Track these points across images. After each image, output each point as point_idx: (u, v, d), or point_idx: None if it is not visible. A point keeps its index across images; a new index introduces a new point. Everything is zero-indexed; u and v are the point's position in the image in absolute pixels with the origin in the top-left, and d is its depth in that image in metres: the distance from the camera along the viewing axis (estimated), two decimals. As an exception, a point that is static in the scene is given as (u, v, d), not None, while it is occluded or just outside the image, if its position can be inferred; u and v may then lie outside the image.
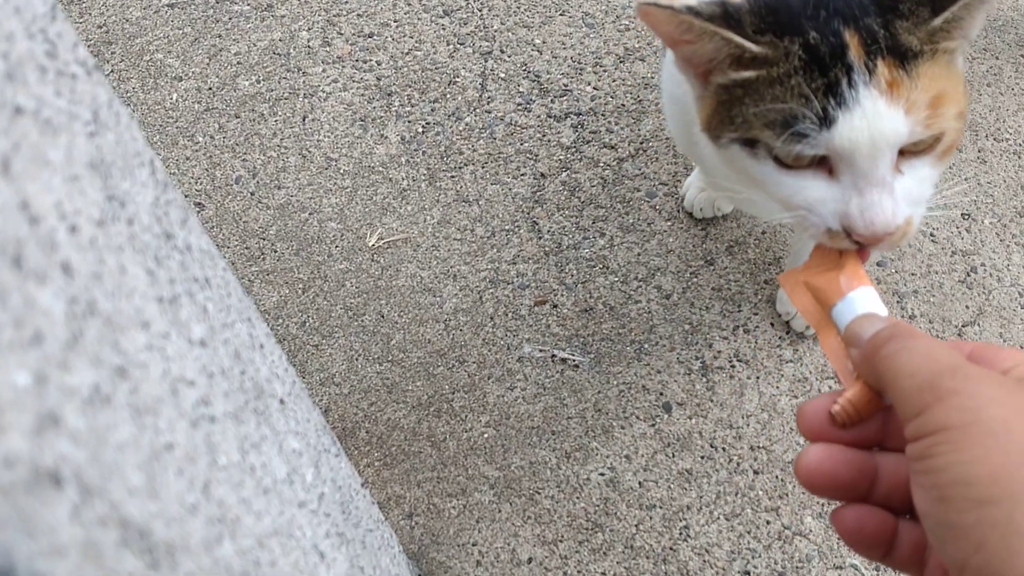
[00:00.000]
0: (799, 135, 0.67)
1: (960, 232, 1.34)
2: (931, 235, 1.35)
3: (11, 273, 0.26)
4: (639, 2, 0.69)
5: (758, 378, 1.24)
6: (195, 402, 0.40)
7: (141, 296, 0.38)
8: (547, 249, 1.41)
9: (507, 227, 1.44)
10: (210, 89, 1.65)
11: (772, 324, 1.29)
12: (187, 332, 0.43)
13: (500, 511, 1.19)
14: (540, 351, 1.32)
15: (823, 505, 1.14)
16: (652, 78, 1.57)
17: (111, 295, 0.34)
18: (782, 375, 1.24)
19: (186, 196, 1.51)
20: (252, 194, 1.51)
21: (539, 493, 1.20)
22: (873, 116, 0.66)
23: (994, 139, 1.44)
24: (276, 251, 1.45)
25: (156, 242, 0.44)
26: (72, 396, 0.26)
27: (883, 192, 0.68)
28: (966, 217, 1.36)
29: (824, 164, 0.70)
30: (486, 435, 1.25)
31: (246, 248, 1.45)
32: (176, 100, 1.64)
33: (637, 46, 1.61)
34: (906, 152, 0.69)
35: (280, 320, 1.38)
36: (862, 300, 0.59)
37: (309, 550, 0.53)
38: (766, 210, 0.96)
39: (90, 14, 1.77)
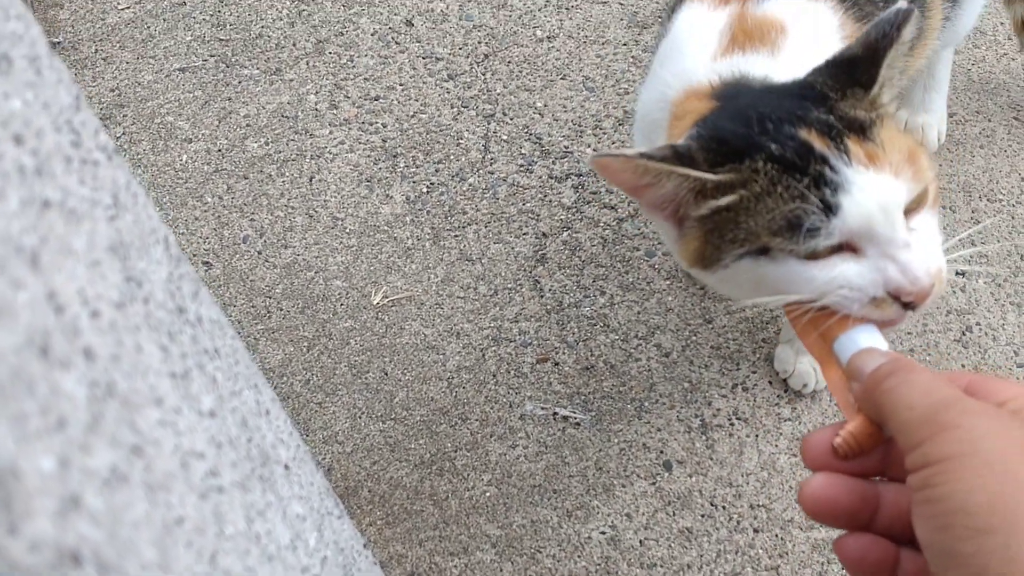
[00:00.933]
0: (811, 231, 0.70)
1: (955, 292, 1.36)
2: (927, 294, 1.36)
3: (39, 363, 0.28)
4: (592, 156, 0.73)
5: (757, 436, 1.26)
6: (204, 474, 0.42)
7: (155, 373, 0.40)
8: (549, 307, 1.43)
9: (510, 285, 1.47)
10: (219, 151, 1.69)
11: (770, 382, 1.30)
12: (197, 404, 0.45)
13: (502, 570, 1.19)
14: (542, 409, 1.33)
15: (823, 564, 1.15)
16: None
17: (128, 375, 0.36)
18: (780, 433, 1.25)
19: (194, 255, 1.54)
20: (259, 253, 1.54)
21: (540, 552, 1.20)
22: (873, 188, 0.69)
23: (987, 200, 1.47)
24: (282, 309, 1.47)
25: (170, 318, 0.47)
26: (92, 478, 0.28)
27: (910, 250, 0.70)
28: (961, 276, 1.38)
29: (845, 247, 0.72)
30: (488, 494, 1.26)
31: (252, 307, 1.48)
32: (186, 161, 1.68)
33: (635, 109, 1.65)
34: (906, 212, 0.71)
35: (285, 378, 1.40)
36: (863, 335, 0.61)
37: (311, 615, 0.54)
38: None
39: (103, 78, 1.82)
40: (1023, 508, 0.37)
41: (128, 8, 1.96)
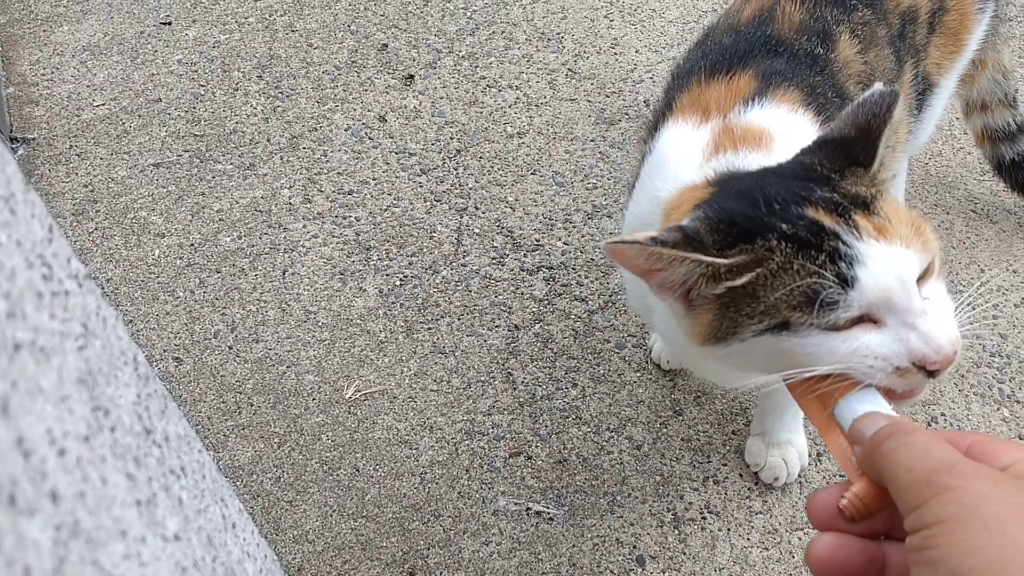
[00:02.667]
0: (829, 305, 0.71)
1: (920, 381, 1.38)
2: (892, 385, 1.39)
3: (5, 514, 0.28)
4: (606, 243, 0.74)
5: (729, 530, 1.25)
6: (168, 604, 0.42)
7: (120, 504, 0.40)
8: (521, 400, 1.44)
9: (482, 378, 1.47)
10: (192, 245, 1.70)
11: (741, 475, 1.31)
12: (162, 530, 0.45)
13: (475, 673, 1.17)
14: (515, 504, 1.33)
15: (800, 662, 1.14)
16: (619, 234, 1.64)
17: (93, 511, 0.36)
18: (752, 527, 1.25)
19: (164, 351, 1.54)
20: (230, 348, 1.54)
21: (514, 653, 1.18)
22: (887, 259, 0.70)
23: (948, 291, 1.51)
24: (252, 405, 1.46)
25: (136, 442, 0.47)
26: (55, 628, 0.29)
27: (929, 319, 0.71)
28: (925, 367, 1.40)
29: (865, 319, 0.73)
30: (460, 592, 1.24)
31: (223, 402, 1.47)
32: (158, 256, 1.69)
33: (604, 203, 1.69)
34: (917, 281, 0.73)
35: (255, 476, 1.38)
36: (863, 399, 0.61)
37: None
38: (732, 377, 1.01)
39: (76, 174, 1.84)
40: (1019, 574, 0.37)
41: (103, 105, 1.99)
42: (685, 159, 0.96)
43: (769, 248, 0.73)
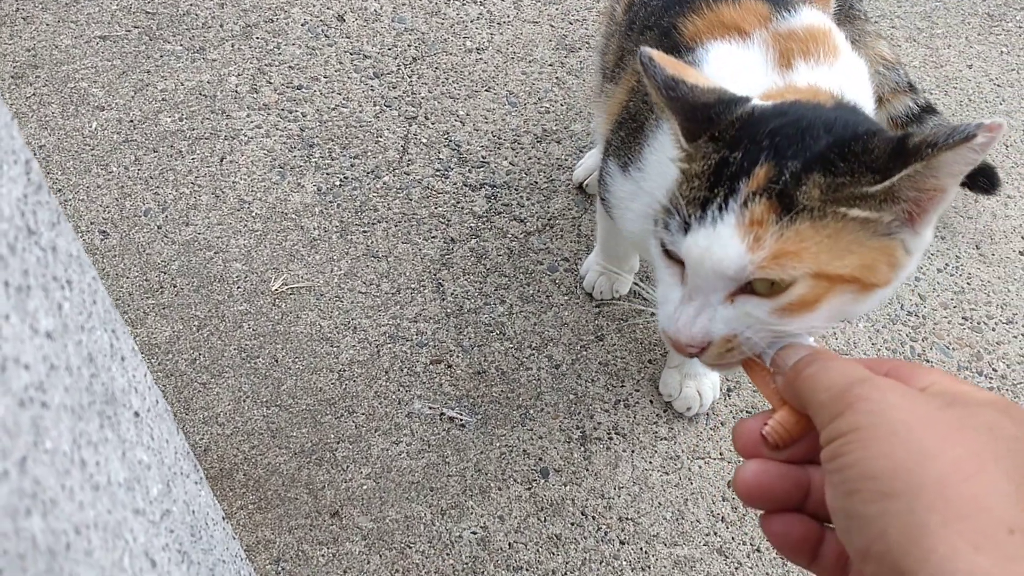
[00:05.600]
0: (667, 229, 0.70)
1: (835, 333, 1.42)
2: (809, 331, 1.42)
3: None
4: (643, 49, 0.73)
5: (633, 452, 1.28)
6: (27, 385, 0.41)
7: (-16, 276, 0.40)
8: (449, 311, 1.44)
9: (412, 285, 1.47)
10: (131, 122, 1.66)
11: (651, 401, 1.33)
12: (32, 320, 0.45)
13: (369, 563, 1.19)
14: (430, 408, 1.34)
15: (684, 581, 1.17)
16: (566, 160, 1.64)
17: (-52, 266, 0.36)
18: (656, 451, 1.28)
19: (92, 223, 1.51)
20: (159, 228, 1.51)
21: (410, 547, 1.20)
22: (715, 239, 0.66)
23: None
24: (176, 286, 1.45)
25: (14, 232, 0.46)
26: None
27: (698, 308, 0.68)
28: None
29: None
30: (365, 486, 1.26)
31: (145, 280, 1.45)
32: (95, 128, 1.64)
33: (555, 128, 1.68)
34: (756, 292, 0.66)
35: (171, 355, 1.37)
36: None
37: (138, 555, 0.53)
38: None
39: (20, 37, 1.78)
40: (926, 476, 0.39)
41: (55, -30, 1.92)
42: (746, 75, 0.91)
43: (706, 155, 0.70)
